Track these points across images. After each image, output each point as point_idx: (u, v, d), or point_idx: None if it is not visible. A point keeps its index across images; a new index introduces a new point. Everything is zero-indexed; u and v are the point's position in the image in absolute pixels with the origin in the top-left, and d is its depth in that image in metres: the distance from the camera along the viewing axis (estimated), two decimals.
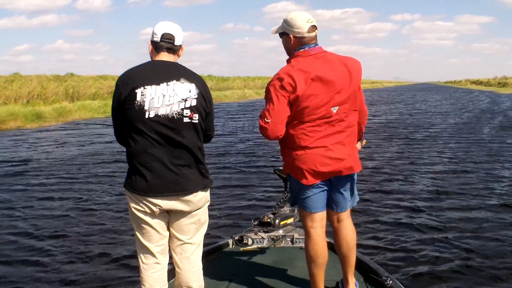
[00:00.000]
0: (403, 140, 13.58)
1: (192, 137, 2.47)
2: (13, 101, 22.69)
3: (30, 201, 7.25)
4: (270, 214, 3.90)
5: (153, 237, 2.55)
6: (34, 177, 9.03)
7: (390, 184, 8.11)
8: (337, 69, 2.66)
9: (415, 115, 22.57)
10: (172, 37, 2.50)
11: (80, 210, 6.71)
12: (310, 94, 2.60)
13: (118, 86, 2.45)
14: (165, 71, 2.46)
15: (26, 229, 5.87)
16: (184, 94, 2.43)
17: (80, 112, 21.73)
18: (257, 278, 3.25)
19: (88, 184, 8.35)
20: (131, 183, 2.46)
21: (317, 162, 2.67)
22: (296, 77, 2.60)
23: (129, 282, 4.24)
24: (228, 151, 12.00)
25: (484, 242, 5.21)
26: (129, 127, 2.44)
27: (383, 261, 4.58)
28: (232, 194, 7.45)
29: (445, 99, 40.28)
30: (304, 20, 2.68)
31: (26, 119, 18.57)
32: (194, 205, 2.52)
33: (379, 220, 6.04)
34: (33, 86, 25.09)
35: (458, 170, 9.22)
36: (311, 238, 2.82)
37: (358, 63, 2.76)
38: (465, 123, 18.40)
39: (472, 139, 13.50)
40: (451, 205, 6.73)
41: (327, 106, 2.63)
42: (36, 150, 12.52)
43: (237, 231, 4.35)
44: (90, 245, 5.30)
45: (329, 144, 2.67)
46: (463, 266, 4.57)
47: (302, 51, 2.69)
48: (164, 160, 2.42)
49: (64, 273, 4.56)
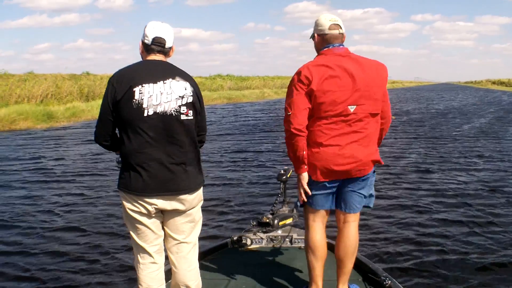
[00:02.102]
0: (422, 140, 13.23)
1: (188, 135, 2.48)
2: (26, 101, 22.09)
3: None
4: (269, 214, 3.84)
5: (148, 237, 2.55)
6: (33, 176, 8.79)
7: (398, 184, 8.01)
8: (358, 69, 2.68)
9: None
10: (163, 41, 2.51)
11: (80, 206, 6.72)
12: (327, 90, 2.63)
13: (112, 84, 2.42)
14: (160, 69, 2.48)
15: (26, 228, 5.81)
16: (180, 91, 2.46)
17: (93, 112, 20.88)
18: (256, 278, 3.26)
19: (92, 182, 8.29)
20: (126, 183, 2.45)
21: (330, 160, 2.68)
22: (313, 72, 2.65)
23: (126, 281, 4.21)
24: (231, 150, 11.89)
25: (488, 242, 5.11)
26: (126, 126, 2.41)
27: (381, 261, 4.54)
28: (231, 194, 7.32)
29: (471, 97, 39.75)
30: (327, 19, 2.77)
31: (37, 119, 17.90)
32: (189, 204, 2.53)
33: (380, 219, 5.98)
34: (46, 85, 24.49)
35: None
36: (310, 230, 2.89)
37: (383, 66, 2.77)
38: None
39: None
40: (454, 204, 6.64)
41: (344, 104, 2.64)
42: (40, 151, 11.98)
43: (236, 232, 4.39)
44: (88, 244, 5.23)
45: (344, 143, 2.68)
46: (464, 266, 4.51)
47: (326, 49, 2.75)
48: (160, 159, 2.42)
49: (59, 272, 4.50)
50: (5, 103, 20.88)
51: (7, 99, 21.60)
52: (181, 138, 2.45)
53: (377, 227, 5.69)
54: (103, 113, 2.46)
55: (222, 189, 7.65)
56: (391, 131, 15.39)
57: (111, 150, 2.61)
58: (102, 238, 5.41)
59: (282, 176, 3.79)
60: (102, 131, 2.51)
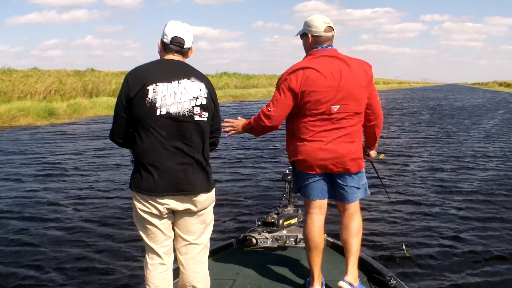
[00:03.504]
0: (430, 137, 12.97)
1: (200, 136, 2.46)
2: (29, 97, 21.86)
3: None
4: (274, 214, 3.87)
5: (158, 238, 2.54)
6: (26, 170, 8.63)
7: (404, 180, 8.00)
8: (345, 69, 2.78)
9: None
10: (182, 41, 2.49)
11: (82, 205, 6.67)
12: (312, 91, 2.76)
13: (127, 81, 2.41)
14: (176, 69, 2.47)
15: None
16: (195, 92, 2.44)
17: (96, 109, 20.66)
18: (261, 278, 3.27)
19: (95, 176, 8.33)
20: (137, 183, 2.44)
21: (314, 154, 2.82)
22: (301, 74, 2.78)
23: (133, 281, 4.17)
24: (234, 149, 11.75)
25: (498, 243, 5.02)
26: (138, 124, 2.41)
27: (387, 261, 4.48)
28: (236, 194, 7.27)
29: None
30: (321, 21, 2.87)
31: (38, 116, 17.73)
32: (201, 205, 2.52)
33: (383, 217, 5.93)
34: (50, 81, 24.25)
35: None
36: (307, 222, 3.01)
37: (369, 66, 2.87)
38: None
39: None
40: (462, 204, 6.58)
41: (328, 104, 2.76)
42: (31, 149, 11.70)
43: (241, 231, 4.39)
44: (93, 245, 5.15)
45: (327, 139, 2.81)
46: (469, 267, 4.46)
47: (315, 50, 2.86)
48: (172, 159, 2.41)
49: (64, 272, 4.46)
50: (8, 99, 20.67)
51: (9, 95, 21.38)
52: (193, 139, 2.44)
53: (383, 225, 5.65)
54: (117, 110, 2.45)
55: (227, 189, 7.56)
56: (400, 130, 15.51)
57: (125, 147, 2.58)
58: (108, 237, 5.37)
59: (287, 176, 3.80)
60: (116, 128, 2.50)
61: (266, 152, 11.23)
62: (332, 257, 3.45)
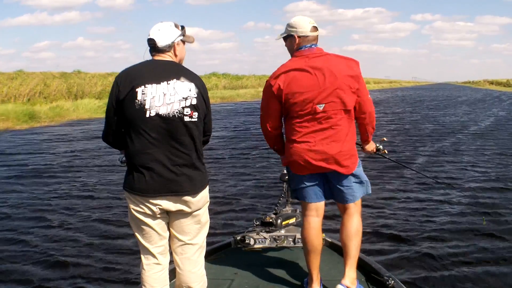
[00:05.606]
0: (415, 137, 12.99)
1: (192, 136, 2.46)
2: (13, 100, 21.62)
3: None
4: (272, 214, 3.88)
5: (153, 238, 2.54)
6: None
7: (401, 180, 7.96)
8: (330, 67, 2.77)
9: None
10: (152, 41, 2.50)
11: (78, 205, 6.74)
12: (296, 92, 2.77)
13: (117, 83, 2.43)
14: (165, 69, 2.47)
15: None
16: (184, 92, 2.44)
17: (79, 112, 20.46)
18: (259, 278, 3.26)
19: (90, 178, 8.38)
20: (130, 184, 2.46)
21: (304, 156, 2.82)
22: (283, 78, 2.81)
23: (129, 282, 4.21)
24: (231, 149, 11.68)
25: (502, 245, 4.98)
26: (128, 126, 2.42)
27: (384, 261, 4.47)
28: (234, 194, 7.24)
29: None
30: (306, 21, 2.89)
31: (18, 120, 17.46)
32: (194, 206, 2.52)
33: (382, 218, 5.91)
34: (34, 84, 24.03)
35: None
36: (303, 224, 3.01)
37: (355, 63, 2.86)
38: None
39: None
40: (466, 203, 6.53)
41: (312, 104, 2.76)
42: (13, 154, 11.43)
43: (239, 231, 4.38)
44: (90, 246, 5.18)
45: (315, 140, 2.80)
46: (467, 267, 4.44)
47: (300, 51, 2.86)
48: (163, 160, 2.42)
49: (63, 271, 4.50)
50: None
51: None
52: (184, 140, 2.44)
53: (382, 225, 5.63)
54: (108, 112, 2.47)
55: (225, 188, 7.56)
56: (401, 130, 15.48)
57: (118, 148, 2.60)
58: (103, 238, 5.39)
59: (285, 176, 3.74)
60: (108, 130, 2.52)
61: (265, 152, 11.10)
62: (331, 257, 3.43)
